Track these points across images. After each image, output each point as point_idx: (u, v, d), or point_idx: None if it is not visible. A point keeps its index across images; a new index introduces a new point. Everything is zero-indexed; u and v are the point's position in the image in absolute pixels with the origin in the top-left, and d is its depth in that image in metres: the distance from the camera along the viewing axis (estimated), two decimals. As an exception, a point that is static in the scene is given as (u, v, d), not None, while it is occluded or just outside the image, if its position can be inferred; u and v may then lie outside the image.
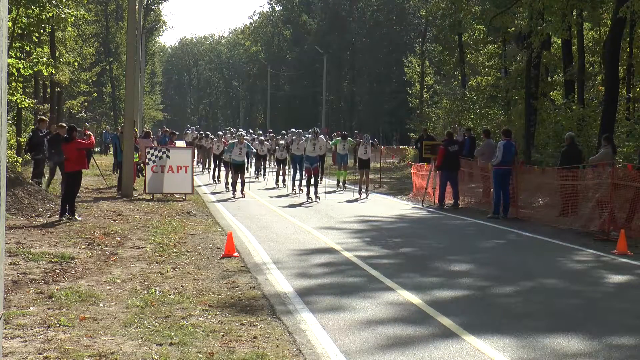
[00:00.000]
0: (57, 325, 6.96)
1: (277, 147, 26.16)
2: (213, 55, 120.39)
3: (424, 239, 13.36)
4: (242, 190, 20.61)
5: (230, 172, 22.24)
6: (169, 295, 8.32)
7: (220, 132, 31.61)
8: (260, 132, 36.70)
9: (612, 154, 14.89)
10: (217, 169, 26.69)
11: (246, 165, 21.55)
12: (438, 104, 37.42)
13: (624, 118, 21.09)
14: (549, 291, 9.02)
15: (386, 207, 18.40)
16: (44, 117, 21.45)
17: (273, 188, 23.96)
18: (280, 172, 25.27)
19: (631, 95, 22.63)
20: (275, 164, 26.89)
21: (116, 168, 22.74)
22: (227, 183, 22.82)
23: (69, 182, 14.93)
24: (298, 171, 22.87)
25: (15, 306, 7.67)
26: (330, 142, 24.97)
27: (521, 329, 7.07)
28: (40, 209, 15.40)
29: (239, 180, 20.77)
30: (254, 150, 24.16)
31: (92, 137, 17.35)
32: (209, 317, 7.44)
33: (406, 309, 7.92)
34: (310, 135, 20.56)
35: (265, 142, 28.10)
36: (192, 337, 6.66)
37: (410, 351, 6.40)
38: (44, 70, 19.03)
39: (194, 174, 22.11)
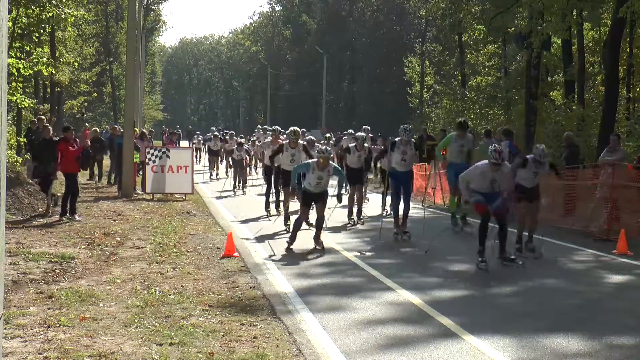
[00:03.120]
0: (57, 325, 6.96)
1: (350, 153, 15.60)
2: (213, 55, 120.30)
3: (424, 239, 13.34)
4: (318, 237, 11.80)
5: (284, 198, 14.49)
6: (169, 295, 8.31)
7: (277, 127, 17.43)
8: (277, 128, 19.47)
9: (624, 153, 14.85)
10: (274, 189, 16.08)
11: (327, 198, 12.00)
12: (438, 104, 37.43)
13: (624, 118, 21.09)
14: (549, 291, 9.02)
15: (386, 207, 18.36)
16: (42, 117, 21.76)
17: (348, 225, 14.97)
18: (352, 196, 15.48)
19: (631, 95, 22.64)
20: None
21: (114, 169, 22.74)
22: (287, 218, 13.84)
23: (66, 183, 14.99)
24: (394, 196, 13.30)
25: (15, 306, 7.66)
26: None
27: (521, 329, 7.07)
28: (40, 209, 15.40)
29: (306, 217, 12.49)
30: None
31: (76, 143, 15.31)
32: (209, 317, 7.43)
33: (406, 309, 7.92)
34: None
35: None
36: (192, 337, 6.66)
37: (410, 351, 6.40)
38: (44, 70, 19.06)
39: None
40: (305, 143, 14.88)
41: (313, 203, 11.99)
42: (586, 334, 6.94)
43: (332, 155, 14.73)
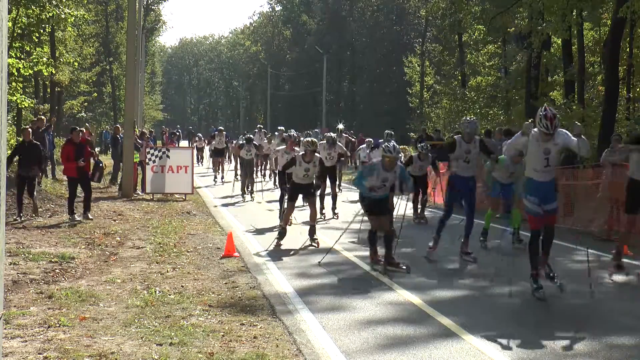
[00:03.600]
0: (57, 325, 6.96)
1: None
2: (213, 55, 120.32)
3: (424, 239, 13.34)
4: (389, 257, 10.20)
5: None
6: (169, 295, 8.32)
7: (292, 134, 16.53)
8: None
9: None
10: (285, 202, 13.08)
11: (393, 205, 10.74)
12: (438, 104, 37.44)
13: (624, 118, 21.09)
14: (549, 291, 9.01)
15: (386, 207, 18.35)
16: (42, 117, 21.80)
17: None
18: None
19: (631, 95, 22.64)
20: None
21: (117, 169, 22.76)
22: (282, 234, 12.20)
23: (81, 186, 15.00)
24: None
25: (15, 306, 7.66)
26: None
27: (521, 329, 7.07)
28: (40, 209, 15.39)
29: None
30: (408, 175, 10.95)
31: (86, 148, 15.03)
32: (209, 317, 7.44)
33: (406, 309, 7.92)
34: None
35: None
36: (192, 337, 6.66)
37: (410, 351, 6.40)
38: (44, 70, 19.09)
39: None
40: (321, 157, 13.01)
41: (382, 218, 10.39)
42: (586, 334, 6.94)
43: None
